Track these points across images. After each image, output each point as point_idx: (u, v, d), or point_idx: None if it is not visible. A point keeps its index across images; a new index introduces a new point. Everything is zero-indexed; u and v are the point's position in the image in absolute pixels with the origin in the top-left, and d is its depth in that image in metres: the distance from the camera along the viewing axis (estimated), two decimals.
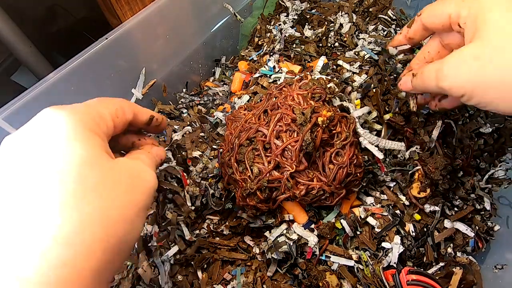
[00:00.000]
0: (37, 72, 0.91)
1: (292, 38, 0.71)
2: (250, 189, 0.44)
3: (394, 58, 0.66)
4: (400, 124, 0.54)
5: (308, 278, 0.46)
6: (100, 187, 0.23)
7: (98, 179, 0.23)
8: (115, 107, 0.29)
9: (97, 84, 0.55)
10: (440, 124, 0.54)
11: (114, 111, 0.29)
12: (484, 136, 0.59)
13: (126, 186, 0.26)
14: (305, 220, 0.48)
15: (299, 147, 0.42)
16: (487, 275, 0.51)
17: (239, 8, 0.78)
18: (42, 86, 0.47)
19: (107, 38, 0.53)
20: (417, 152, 0.53)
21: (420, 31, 0.43)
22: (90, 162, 0.23)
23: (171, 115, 0.67)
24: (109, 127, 0.28)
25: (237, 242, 0.51)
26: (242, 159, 0.45)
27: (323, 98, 0.47)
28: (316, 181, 0.44)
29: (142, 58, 0.61)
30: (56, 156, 0.22)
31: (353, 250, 0.50)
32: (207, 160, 0.55)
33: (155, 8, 0.59)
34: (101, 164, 0.24)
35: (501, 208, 0.57)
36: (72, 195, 0.22)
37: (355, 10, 0.76)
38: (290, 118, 0.44)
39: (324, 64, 0.62)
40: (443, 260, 0.51)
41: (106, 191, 0.23)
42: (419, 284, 0.44)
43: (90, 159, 0.23)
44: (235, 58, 0.80)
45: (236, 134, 0.47)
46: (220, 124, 0.61)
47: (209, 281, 0.48)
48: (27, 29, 0.86)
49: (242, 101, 0.60)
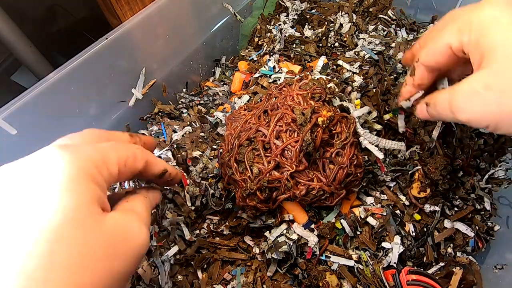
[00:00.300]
0: (37, 72, 0.91)
1: (292, 38, 0.71)
2: (250, 189, 0.44)
3: (394, 58, 0.66)
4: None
5: (308, 278, 0.46)
6: (75, 252, 0.21)
7: (76, 243, 0.21)
8: (126, 154, 0.28)
9: (97, 84, 0.55)
10: (440, 124, 0.54)
11: (123, 159, 0.27)
12: (484, 136, 0.58)
13: (111, 251, 0.23)
14: (305, 220, 0.48)
15: (299, 147, 0.42)
16: (487, 275, 0.50)
17: (239, 8, 0.78)
18: (42, 86, 0.47)
19: (107, 38, 0.53)
20: (417, 152, 0.53)
21: (426, 75, 0.39)
22: (74, 220, 0.21)
23: (171, 115, 0.67)
24: (112, 175, 0.26)
25: (237, 242, 0.51)
26: (242, 159, 0.45)
27: (323, 98, 0.47)
28: (316, 181, 0.44)
29: (142, 58, 0.61)
30: (42, 208, 0.21)
31: (353, 250, 0.50)
32: (207, 160, 0.55)
33: (155, 8, 0.59)
34: (85, 224, 0.22)
35: (501, 208, 0.57)
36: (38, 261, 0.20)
37: (355, 10, 0.76)
38: (290, 118, 0.44)
39: (324, 64, 0.62)
40: (443, 260, 0.51)
41: (84, 258, 0.21)
42: (419, 284, 0.44)
43: (76, 216, 0.22)
44: (235, 58, 0.80)
45: (235, 135, 0.47)
46: (220, 124, 0.61)
47: (209, 281, 0.48)
48: (27, 29, 0.86)
49: (242, 101, 0.60)
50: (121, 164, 0.27)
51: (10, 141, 0.46)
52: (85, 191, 0.23)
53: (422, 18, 0.78)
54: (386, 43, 0.68)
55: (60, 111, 0.51)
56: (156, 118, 0.66)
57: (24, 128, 0.46)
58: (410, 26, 0.74)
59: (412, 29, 0.73)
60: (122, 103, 0.61)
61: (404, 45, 0.66)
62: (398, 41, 0.68)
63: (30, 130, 0.48)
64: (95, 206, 0.23)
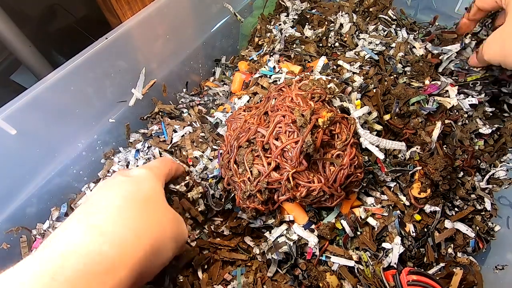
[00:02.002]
0: (36, 72, 0.91)
1: (292, 38, 0.71)
2: (250, 191, 0.44)
3: (394, 58, 0.66)
4: (399, 127, 0.54)
5: (308, 279, 0.46)
6: (157, 212, 0.36)
7: (159, 209, 0.37)
8: (168, 168, 0.45)
9: (97, 84, 0.55)
10: (440, 125, 0.54)
11: (168, 171, 0.45)
12: (484, 136, 0.59)
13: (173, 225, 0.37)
14: (305, 221, 0.48)
15: (300, 148, 0.42)
16: (487, 275, 0.50)
17: (239, 8, 0.78)
18: (42, 86, 0.47)
19: (107, 38, 0.53)
20: (417, 153, 0.53)
21: (477, 13, 0.57)
22: (161, 197, 0.39)
23: (171, 115, 0.67)
24: (164, 182, 0.43)
25: (237, 243, 0.51)
26: (242, 161, 0.45)
27: (323, 99, 0.47)
28: (317, 183, 0.44)
29: (142, 58, 0.61)
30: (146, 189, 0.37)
31: (353, 251, 0.50)
32: (208, 161, 0.55)
33: (155, 8, 0.59)
34: (165, 203, 0.39)
35: (502, 208, 0.57)
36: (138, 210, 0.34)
37: (355, 10, 0.76)
38: (290, 119, 0.44)
39: (324, 64, 0.62)
40: (444, 261, 0.51)
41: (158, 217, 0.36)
42: (419, 284, 0.44)
43: (159, 195, 0.39)
44: (235, 58, 0.80)
45: (235, 136, 0.47)
46: (220, 124, 0.61)
47: (210, 281, 0.48)
48: (27, 29, 0.86)
49: (242, 102, 0.60)
50: (168, 175, 0.45)
51: (10, 141, 0.46)
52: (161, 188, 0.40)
53: (422, 18, 0.78)
54: (386, 43, 0.68)
55: (59, 111, 0.51)
56: (156, 117, 0.66)
57: (24, 128, 0.46)
58: (410, 26, 0.74)
59: (412, 29, 0.73)
60: (122, 103, 0.61)
61: (404, 45, 0.66)
62: (398, 41, 0.67)
63: (29, 130, 0.48)
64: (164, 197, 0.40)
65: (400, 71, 0.64)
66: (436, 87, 0.58)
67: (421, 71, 0.62)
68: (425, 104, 0.56)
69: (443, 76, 0.62)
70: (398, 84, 0.60)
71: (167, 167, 0.45)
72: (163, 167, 0.44)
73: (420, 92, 0.57)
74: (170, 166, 0.46)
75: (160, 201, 0.38)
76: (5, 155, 0.46)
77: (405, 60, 0.64)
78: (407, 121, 0.56)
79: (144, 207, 0.34)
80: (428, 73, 0.62)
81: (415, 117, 0.55)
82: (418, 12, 0.79)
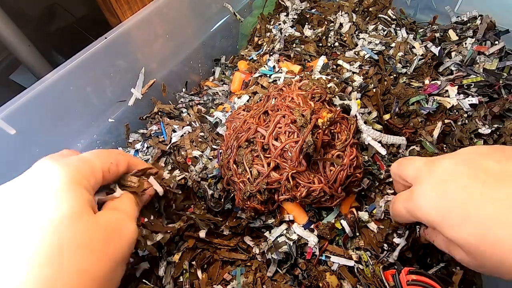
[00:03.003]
0: (36, 72, 0.91)
1: (292, 38, 0.70)
2: (249, 191, 0.44)
3: (394, 58, 0.66)
4: (399, 127, 0.54)
5: (308, 279, 0.46)
6: (78, 243, 0.25)
7: (77, 235, 0.25)
8: (109, 161, 0.32)
9: (96, 83, 0.55)
10: (440, 125, 0.54)
11: (107, 166, 0.32)
12: (483, 136, 0.58)
13: (104, 241, 0.27)
14: (305, 221, 0.48)
15: (299, 148, 0.42)
16: (487, 275, 0.50)
17: (239, 8, 0.78)
18: (41, 86, 0.47)
19: (106, 38, 0.53)
20: (416, 151, 0.53)
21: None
22: (72, 218, 0.25)
23: (171, 114, 0.66)
24: (97, 181, 0.30)
25: (237, 242, 0.51)
26: (241, 161, 0.45)
27: (323, 99, 0.47)
28: (317, 183, 0.44)
29: (142, 58, 0.61)
30: (41, 211, 0.24)
31: (353, 251, 0.50)
32: (207, 161, 0.55)
33: (154, 8, 0.59)
34: (82, 220, 0.26)
35: None
36: (46, 251, 0.23)
37: (355, 9, 0.76)
38: (290, 119, 0.43)
39: (324, 64, 0.62)
40: (444, 261, 0.51)
41: (83, 247, 0.25)
42: (419, 284, 0.44)
43: (73, 215, 0.25)
44: (235, 57, 0.80)
45: (234, 135, 0.47)
46: (220, 124, 0.61)
47: (209, 281, 0.48)
48: (26, 28, 0.86)
49: (242, 101, 0.60)
50: (106, 171, 0.31)
51: (9, 141, 0.46)
52: (77, 195, 0.27)
53: (422, 18, 0.78)
54: (386, 43, 0.68)
55: (59, 111, 0.51)
56: (155, 117, 0.66)
57: (23, 128, 0.46)
58: (410, 26, 0.74)
59: (412, 29, 0.73)
60: (122, 102, 0.60)
61: (404, 45, 0.66)
62: (398, 41, 0.67)
63: (29, 130, 0.48)
64: (87, 206, 0.27)
65: (400, 71, 0.64)
66: (436, 87, 0.58)
67: (420, 71, 0.62)
68: (425, 104, 0.56)
69: (442, 76, 0.62)
70: (398, 83, 0.60)
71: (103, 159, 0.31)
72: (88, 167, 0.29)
73: (420, 92, 0.57)
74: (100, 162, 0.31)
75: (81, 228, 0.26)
76: (4, 155, 0.46)
77: (404, 60, 0.64)
78: (406, 121, 0.56)
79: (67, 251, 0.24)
80: (428, 73, 0.62)
81: (415, 117, 0.55)
82: (418, 11, 0.79)
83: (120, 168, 0.34)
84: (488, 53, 0.61)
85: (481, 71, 0.59)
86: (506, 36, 0.63)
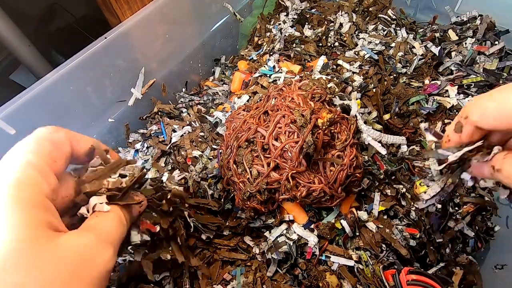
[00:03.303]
0: (36, 72, 0.91)
1: (292, 38, 0.70)
2: (249, 191, 0.44)
3: (394, 58, 0.66)
4: (398, 127, 0.54)
5: (308, 278, 0.46)
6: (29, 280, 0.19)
7: (24, 273, 0.19)
8: (48, 150, 0.25)
9: (96, 83, 0.55)
10: (440, 125, 0.54)
11: (50, 160, 0.25)
12: None
13: (65, 275, 0.21)
14: (305, 221, 0.48)
15: (299, 148, 0.42)
16: (487, 275, 0.50)
17: (239, 8, 0.78)
18: (41, 86, 0.47)
19: (106, 38, 0.53)
20: (416, 151, 0.53)
21: (477, 134, 0.31)
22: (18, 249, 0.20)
23: (171, 114, 0.66)
24: (52, 183, 0.24)
25: (237, 242, 0.51)
26: (241, 161, 0.45)
27: (323, 99, 0.47)
28: (317, 183, 0.44)
29: (142, 58, 0.61)
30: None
31: (353, 250, 0.50)
32: (207, 160, 0.55)
33: (154, 8, 0.59)
34: (34, 250, 0.20)
35: (501, 208, 0.57)
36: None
37: (355, 9, 0.76)
38: (290, 119, 0.43)
39: (324, 63, 0.62)
40: (443, 260, 0.51)
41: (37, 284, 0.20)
42: (419, 284, 0.44)
43: (19, 246, 0.20)
44: (235, 57, 0.80)
45: (234, 136, 0.47)
46: (220, 124, 0.61)
47: (209, 281, 0.48)
48: (26, 28, 0.86)
49: (241, 101, 0.60)
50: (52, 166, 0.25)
51: (10, 141, 0.46)
52: (29, 217, 0.21)
53: (422, 18, 0.78)
54: (386, 43, 0.68)
55: (59, 110, 0.51)
56: (155, 117, 0.66)
57: (23, 128, 0.46)
58: (410, 26, 0.74)
59: (412, 29, 0.73)
60: (122, 102, 0.60)
61: (404, 44, 0.66)
62: (398, 41, 0.67)
63: (29, 129, 0.47)
64: (39, 230, 0.21)
65: (400, 71, 0.64)
66: (435, 86, 0.58)
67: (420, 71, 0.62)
68: (425, 104, 0.56)
69: (442, 76, 0.62)
70: (398, 83, 0.60)
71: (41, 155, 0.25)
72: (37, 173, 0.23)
73: (420, 92, 0.57)
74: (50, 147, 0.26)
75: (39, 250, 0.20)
76: (4, 155, 0.46)
77: (404, 60, 0.64)
78: (406, 120, 0.56)
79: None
80: (428, 73, 0.62)
81: (415, 117, 0.55)
82: (418, 11, 0.79)
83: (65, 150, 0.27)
84: (488, 53, 0.61)
85: (481, 71, 0.59)
86: (506, 36, 0.63)
